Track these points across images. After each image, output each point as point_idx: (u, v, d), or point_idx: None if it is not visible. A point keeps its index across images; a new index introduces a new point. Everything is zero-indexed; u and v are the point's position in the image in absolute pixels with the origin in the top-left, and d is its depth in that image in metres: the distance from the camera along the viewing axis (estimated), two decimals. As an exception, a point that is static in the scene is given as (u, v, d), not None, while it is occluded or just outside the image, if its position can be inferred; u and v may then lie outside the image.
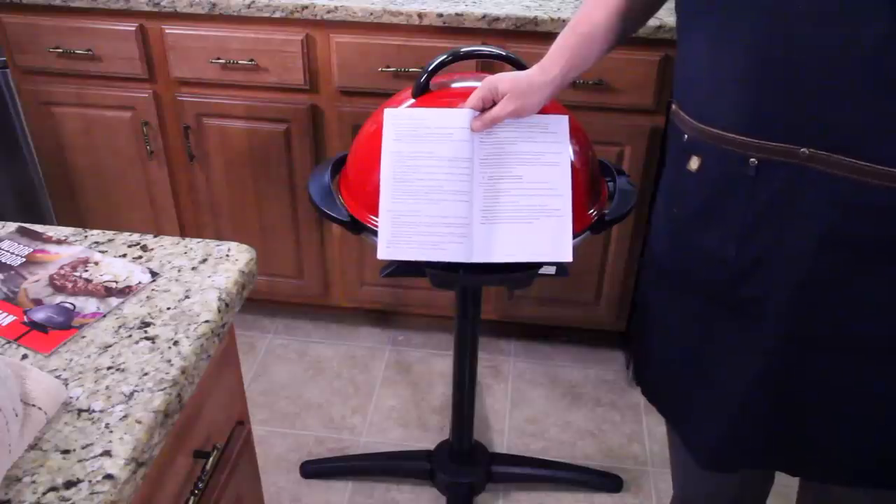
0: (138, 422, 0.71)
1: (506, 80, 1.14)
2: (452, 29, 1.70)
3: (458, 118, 1.15)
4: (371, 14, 1.69)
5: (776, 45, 0.88)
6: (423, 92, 1.23)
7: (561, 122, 1.17)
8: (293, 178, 1.94)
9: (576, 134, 1.24)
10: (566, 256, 1.15)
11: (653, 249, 1.17)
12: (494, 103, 1.14)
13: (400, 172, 1.15)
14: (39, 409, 0.71)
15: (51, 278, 0.90)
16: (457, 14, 1.67)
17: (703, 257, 1.04)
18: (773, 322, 1.00)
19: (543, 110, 1.17)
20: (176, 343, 0.80)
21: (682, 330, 1.12)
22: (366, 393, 2.04)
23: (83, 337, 0.81)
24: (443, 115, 1.16)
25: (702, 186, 1.01)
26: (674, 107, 1.07)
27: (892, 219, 0.88)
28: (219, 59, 1.79)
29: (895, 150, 0.85)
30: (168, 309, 0.85)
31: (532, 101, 1.14)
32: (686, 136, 1.02)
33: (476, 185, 1.14)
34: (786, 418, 1.06)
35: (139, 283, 0.89)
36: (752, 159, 0.93)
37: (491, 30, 1.69)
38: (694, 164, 1.01)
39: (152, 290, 0.88)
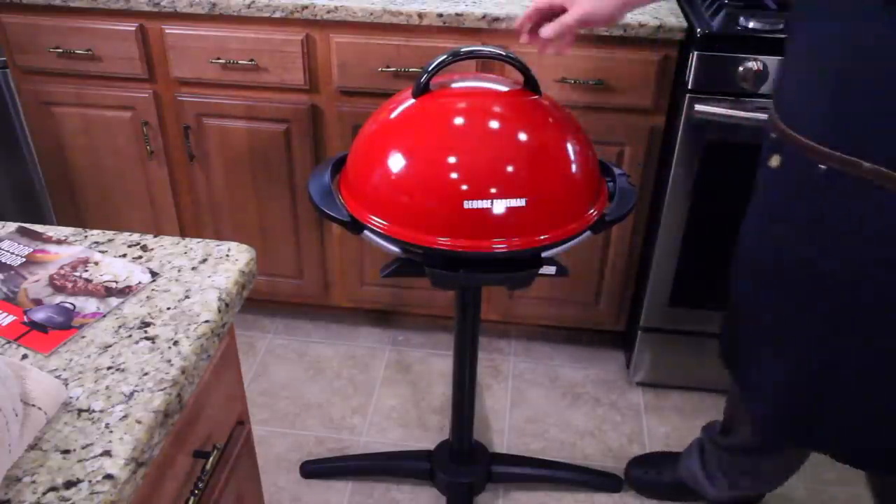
0: (138, 422, 0.71)
1: None
2: (452, 29, 1.70)
3: None
4: (371, 14, 1.69)
5: (859, 61, 0.95)
6: (424, 92, 1.23)
7: None
8: (293, 178, 1.94)
9: (576, 134, 1.24)
10: None
11: (742, 232, 1.27)
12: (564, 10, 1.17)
13: None
14: (39, 409, 0.71)
15: (51, 278, 0.90)
16: (457, 14, 1.67)
17: (772, 244, 1.15)
18: (818, 315, 1.10)
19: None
20: (176, 343, 0.80)
21: (756, 308, 1.22)
22: (366, 393, 2.04)
23: (83, 337, 0.81)
24: None
25: (779, 183, 1.12)
26: (772, 104, 1.16)
27: None
28: (219, 59, 1.79)
29: None
30: (168, 309, 0.85)
31: (604, 3, 1.15)
32: (773, 134, 1.12)
33: None
34: (832, 398, 1.15)
35: (139, 283, 0.89)
36: (821, 165, 1.02)
37: (491, 30, 1.69)
38: (775, 161, 1.12)
39: (152, 290, 0.88)
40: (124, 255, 0.94)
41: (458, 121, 1.21)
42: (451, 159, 1.16)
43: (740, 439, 1.52)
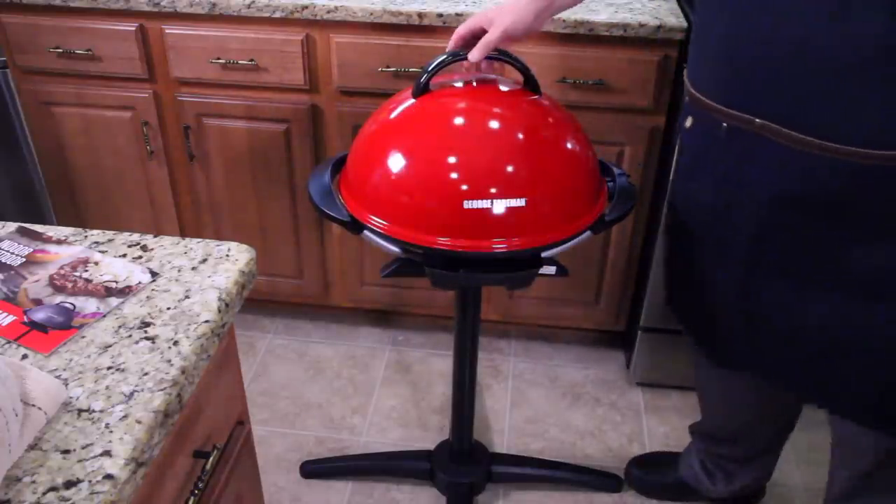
0: (138, 422, 0.71)
1: (492, 9, 1.24)
2: (452, 29, 1.69)
3: None
4: (371, 14, 1.69)
5: (742, 34, 1.08)
6: (423, 92, 1.23)
7: None
8: (293, 178, 1.94)
9: (576, 134, 1.24)
10: None
11: (671, 191, 1.39)
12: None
13: None
14: (39, 409, 0.71)
15: (51, 278, 0.90)
16: (457, 14, 1.67)
17: (691, 198, 1.28)
18: (734, 259, 1.22)
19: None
20: (176, 343, 0.80)
21: (685, 257, 1.35)
22: (366, 393, 2.04)
23: (83, 337, 0.81)
24: None
25: (692, 141, 1.26)
26: (685, 72, 1.28)
27: (826, 182, 1.07)
28: (219, 59, 1.79)
29: (828, 125, 1.03)
30: (168, 309, 0.85)
31: (521, 14, 1.21)
32: (687, 98, 1.25)
33: None
34: (757, 335, 1.27)
35: (139, 283, 0.89)
36: (723, 123, 1.15)
37: (491, 30, 1.69)
38: (688, 122, 1.25)
39: (152, 290, 0.88)
40: (124, 255, 0.94)
41: (458, 121, 1.22)
42: (451, 159, 1.16)
43: (711, 424, 1.58)
